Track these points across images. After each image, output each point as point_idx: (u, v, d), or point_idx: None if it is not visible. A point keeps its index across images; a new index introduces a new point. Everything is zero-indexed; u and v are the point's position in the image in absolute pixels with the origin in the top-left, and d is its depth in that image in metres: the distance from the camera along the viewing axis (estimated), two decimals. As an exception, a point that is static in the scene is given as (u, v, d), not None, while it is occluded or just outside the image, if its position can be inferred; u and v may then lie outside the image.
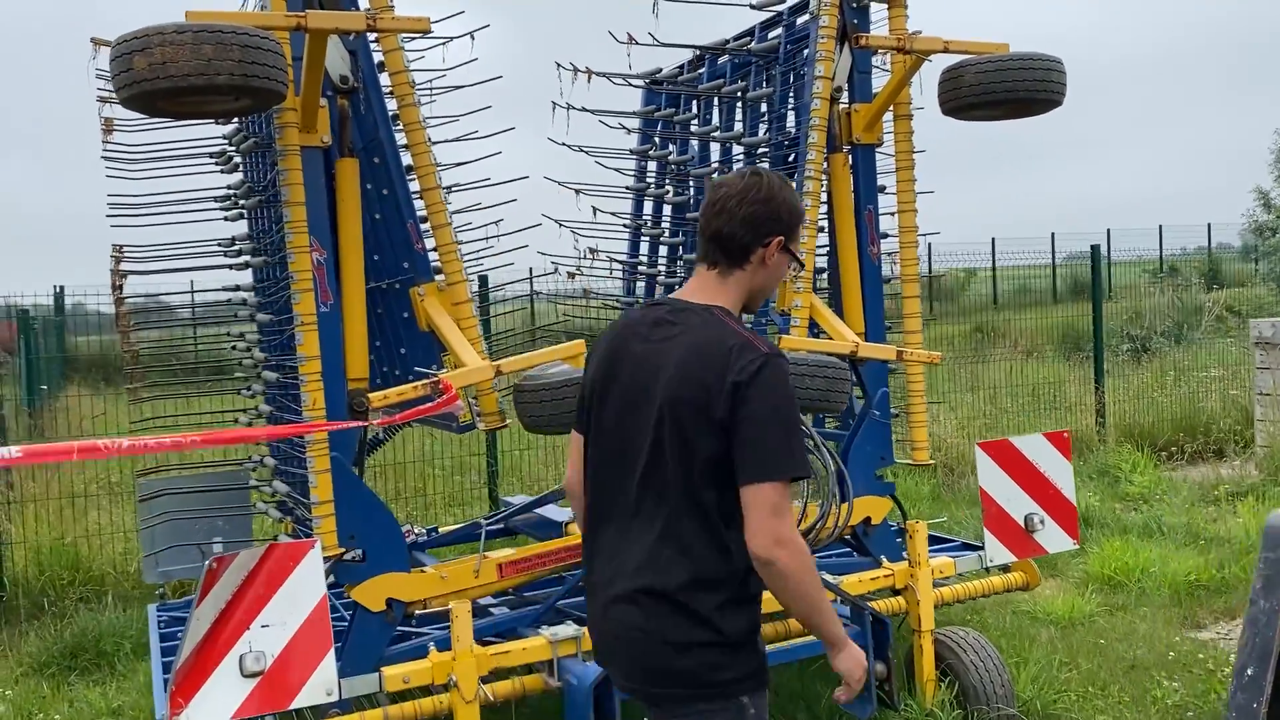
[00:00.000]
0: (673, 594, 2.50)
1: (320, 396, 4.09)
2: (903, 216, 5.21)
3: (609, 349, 2.71)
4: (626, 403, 2.61)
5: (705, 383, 2.45)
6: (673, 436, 2.50)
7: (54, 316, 13.41)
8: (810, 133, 4.92)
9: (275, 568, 3.65)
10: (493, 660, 4.06)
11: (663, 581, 2.50)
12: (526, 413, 4.18)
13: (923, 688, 4.68)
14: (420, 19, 3.98)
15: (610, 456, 2.65)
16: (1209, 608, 6.30)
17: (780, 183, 2.65)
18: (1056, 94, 4.77)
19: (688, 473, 2.49)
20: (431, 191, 4.31)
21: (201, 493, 5.26)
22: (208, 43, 3.40)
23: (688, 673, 2.50)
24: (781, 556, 2.40)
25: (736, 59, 5.77)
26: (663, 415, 2.51)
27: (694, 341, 2.52)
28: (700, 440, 2.47)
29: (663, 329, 2.60)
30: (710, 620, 2.49)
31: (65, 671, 6.21)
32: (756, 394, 2.42)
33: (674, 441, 2.50)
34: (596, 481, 2.71)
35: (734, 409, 2.42)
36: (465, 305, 4.34)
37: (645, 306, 2.76)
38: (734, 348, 2.47)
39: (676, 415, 2.49)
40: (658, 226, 6.36)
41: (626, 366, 2.63)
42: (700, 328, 2.55)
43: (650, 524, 2.54)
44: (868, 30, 5.14)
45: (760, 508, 2.40)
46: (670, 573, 2.50)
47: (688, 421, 2.48)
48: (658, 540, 2.53)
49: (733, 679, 2.52)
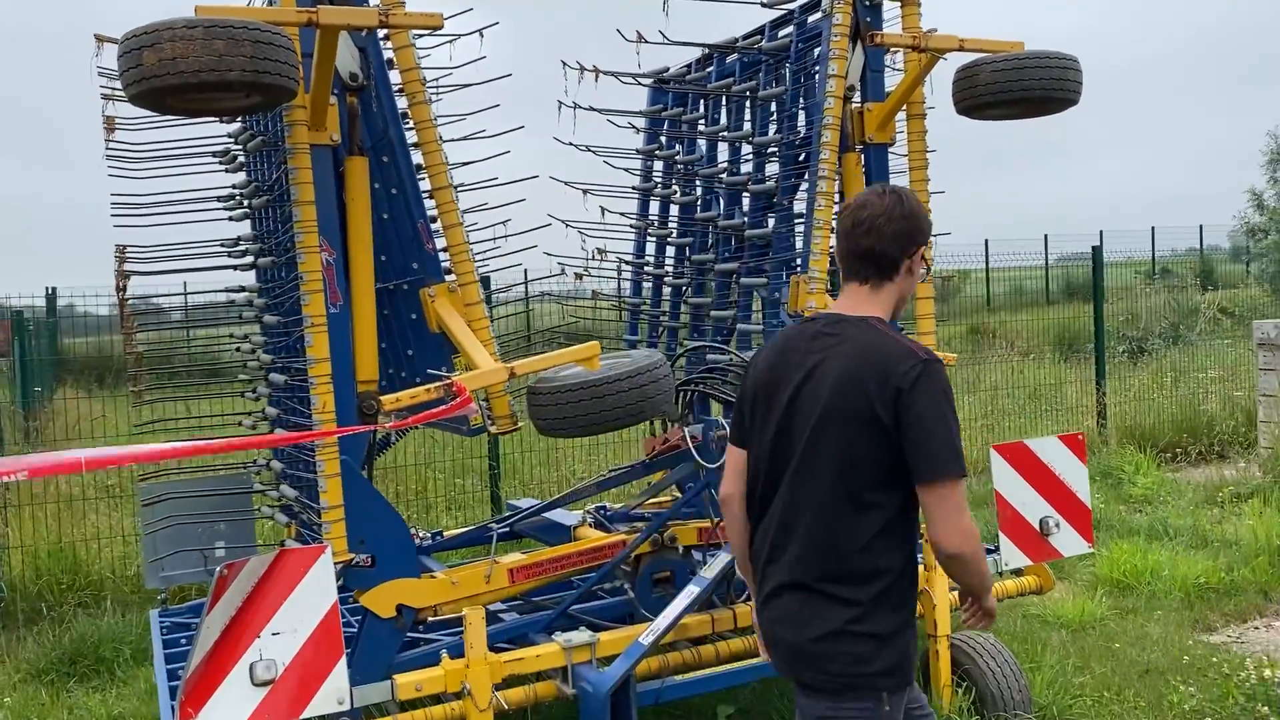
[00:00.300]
0: (826, 588, 2.66)
1: (330, 399, 4.01)
2: (916, 217, 5.15)
3: (770, 363, 2.85)
4: (789, 411, 2.74)
5: (866, 388, 2.60)
6: (835, 440, 2.64)
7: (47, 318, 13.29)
8: (824, 132, 4.86)
9: (286, 574, 3.58)
10: (506, 667, 4.00)
11: (817, 575, 2.67)
12: (541, 416, 4.12)
13: (939, 693, 4.63)
14: (433, 15, 3.91)
15: (774, 462, 2.79)
16: (1219, 611, 6.26)
17: (913, 196, 2.82)
18: (1073, 93, 4.72)
19: (848, 474, 2.63)
20: (443, 191, 4.24)
21: (203, 497, 5.18)
22: (219, 38, 3.33)
23: (835, 664, 2.65)
24: (966, 549, 2.60)
25: (746, 58, 5.71)
26: (824, 420, 2.65)
27: (854, 350, 2.66)
28: (861, 443, 2.61)
29: (821, 341, 2.74)
30: (861, 614, 2.63)
31: (64, 678, 6.12)
32: (920, 398, 2.56)
33: (836, 444, 2.64)
34: (761, 485, 2.84)
35: (899, 414, 2.57)
36: (477, 306, 4.28)
37: (802, 323, 2.93)
38: (893, 355, 2.62)
39: (838, 419, 2.63)
40: (665, 226, 6.29)
41: (789, 378, 2.76)
42: (859, 337, 2.69)
43: (809, 522, 2.69)
44: (881, 28, 5.08)
45: (943, 505, 2.57)
46: (825, 568, 2.66)
47: (849, 425, 2.62)
48: (815, 537, 2.68)
49: (877, 672, 2.64)
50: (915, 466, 2.58)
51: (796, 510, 2.72)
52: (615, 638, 4.15)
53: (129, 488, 7.98)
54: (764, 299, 5.43)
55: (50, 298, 14.55)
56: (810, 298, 4.85)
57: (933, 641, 4.70)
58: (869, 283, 2.79)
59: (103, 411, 8.49)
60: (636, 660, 3.83)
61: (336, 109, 4.13)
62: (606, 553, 4.56)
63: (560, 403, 4.04)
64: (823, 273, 4.92)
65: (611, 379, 4.00)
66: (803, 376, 2.73)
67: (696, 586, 4.02)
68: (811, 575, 2.68)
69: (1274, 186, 25.66)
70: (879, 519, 2.65)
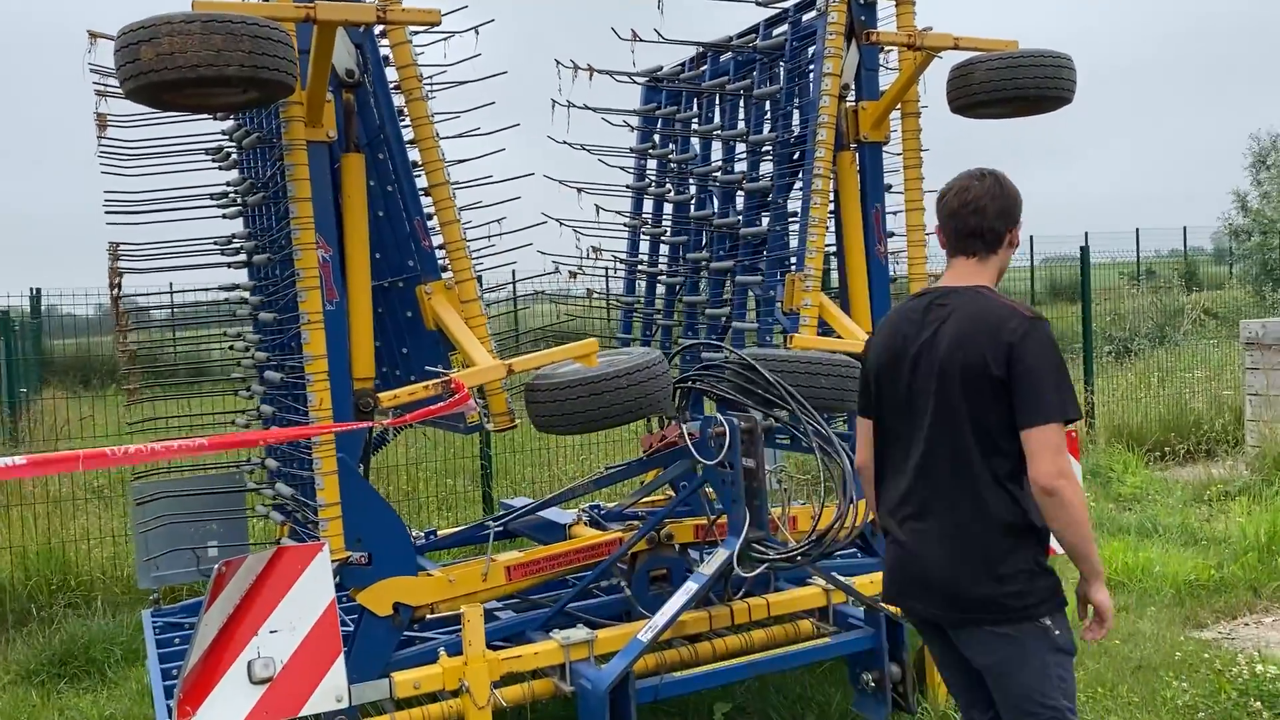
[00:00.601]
0: (958, 529, 2.92)
1: (327, 396, 4.00)
2: (910, 215, 5.18)
3: (889, 337, 3.14)
4: (915, 375, 3.02)
5: (981, 346, 2.87)
6: (955, 396, 2.91)
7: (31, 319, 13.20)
8: (819, 130, 4.88)
9: (283, 571, 3.56)
10: (504, 665, 3.99)
11: (955, 521, 2.92)
12: (539, 412, 4.11)
13: (934, 689, 4.64)
14: (430, 11, 3.91)
15: (900, 424, 3.08)
16: (1210, 607, 6.29)
17: (1008, 177, 3.11)
18: (1067, 92, 4.75)
19: (968, 426, 2.90)
20: (440, 188, 4.24)
21: (196, 496, 5.16)
22: (218, 33, 3.31)
23: (990, 600, 2.88)
24: (1064, 487, 2.78)
25: (740, 56, 5.72)
26: (944, 379, 2.93)
27: (966, 314, 2.95)
28: (979, 397, 2.88)
29: (936, 311, 3.03)
30: (1004, 552, 2.89)
31: (54, 679, 6.08)
32: (1028, 351, 2.82)
33: (957, 400, 2.91)
34: (889, 446, 3.13)
35: (1010, 365, 2.83)
36: (474, 303, 4.27)
37: (911, 298, 3.20)
38: (1003, 315, 2.90)
39: (957, 377, 2.90)
40: (659, 225, 6.30)
41: (910, 347, 3.05)
42: (970, 304, 2.98)
43: (940, 475, 2.96)
44: (875, 26, 5.10)
45: (1044, 446, 2.79)
46: (960, 511, 2.92)
47: (968, 382, 2.89)
48: (949, 488, 2.94)
49: (1033, 603, 2.89)
50: (1019, 411, 2.83)
51: (934, 463, 2.97)
52: (613, 635, 4.14)
53: (118, 489, 7.94)
54: (758, 297, 5.45)
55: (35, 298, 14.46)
56: (806, 295, 4.87)
57: (928, 638, 4.70)
58: (975, 256, 3.08)
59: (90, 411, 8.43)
60: (635, 657, 3.83)
61: (333, 105, 4.12)
62: (603, 550, 4.56)
63: (559, 399, 4.03)
64: (818, 270, 4.93)
65: (610, 376, 4.00)
66: (923, 343, 3.00)
67: (695, 583, 4.02)
68: (945, 517, 2.95)
69: (1258, 188, 25.82)
70: (1007, 464, 2.89)
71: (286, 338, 4.40)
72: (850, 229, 5.15)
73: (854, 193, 5.14)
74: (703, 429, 4.13)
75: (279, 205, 4.31)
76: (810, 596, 4.56)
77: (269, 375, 4.47)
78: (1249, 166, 26.66)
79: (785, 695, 4.93)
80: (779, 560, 4.03)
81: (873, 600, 4.41)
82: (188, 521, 5.15)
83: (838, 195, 5.16)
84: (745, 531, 3.98)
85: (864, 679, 4.30)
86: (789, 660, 4.33)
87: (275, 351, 4.62)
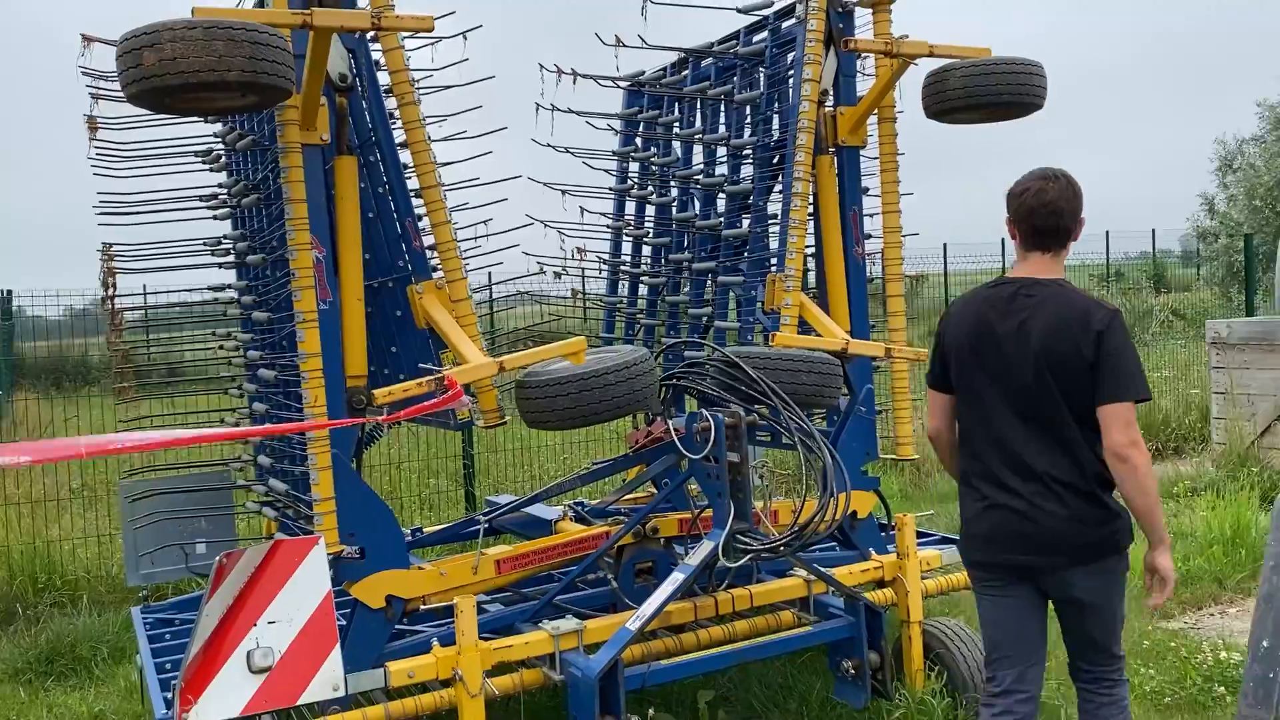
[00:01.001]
0: (1066, 486, 3.35)
1: (322, 394, 4.09)
2: (887, 218, 5.32)
3: (974, 320, 3.52)
4: (1003, 355, 3.42)
5: (1073, 333, 3.31)
6: (1051, 375, 3.33)
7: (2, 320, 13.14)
8: (799, 134, 5.01)
9: (280, 564, 3.65)
10: (496, 655, 4.09)
11: (1063, 480, 3.36)
12: (530, 409, 4.22)
13: (912, 677, 4.78)
14: (423, 18, 4.01)
15: (991, 398, 3.47)
16: (1177, 598, 6.47)
17: (1073, 176, 3.49)
18: (1038, 97, 4.91)
19: (1062, 401, 3.33)
20: (431, 190, 4.33)
21: (185, 493, 5.22)
22: (219, 39, 3.40)
23: (1101, 541, 3.39)
24: (1135, 455, 3.25)
25: (721, 62, 5.85)
26: (1041, 360, 3.34)
27: (1058, 304, 3.38)
28: (1072, 376, 3.32)
29: (1020, 300, 3.44)
30: (1102, 502, 3.38)
31: (41, 677, 6.13)
32: (1112, 338, 3.29)
33: (1052, 379, 3.33)
34: (977, 419, 3.53)
35: (1098, 349, 3.28)
36: (465, 303, 4.37)
37: (991, 286, 3.59)
38: (1089, 307, 3.35)
39: (1052, 359, 3.33)
40: (641, 227, 6.42)
41: (1000, 330, 3.44)
42: (1057, 295, 3.40)
43: (1037, 442, 3.39)
44: (853, 34, 5.24)
45: (1119, 419, 3.27)
46: (1062, 471, 3.36)
47: (1063, 363, 3.32)
48: (1047, 452, 3.37)
49: (1122, 538, 3.43)
50: (1100, 389, 3.29)
51: (1030, 433, 3.40)
52: (601, 625, 4.25)
53: (101, 488, 7.98)
54: (739, 297, 5.57)
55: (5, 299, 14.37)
56: (787, 295, 5.00)
57: (905, 627, 4.84)
58: (1050, 252, 3.49)
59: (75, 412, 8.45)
60: (624, 645, 3.94)
61: (326, 109, 4.22)
62: (590, 544, 4.66)
63: (550, 395, 4.14)
64: (798, 271, 5.06)
65: (600, 373, 4.11)
66: (1015, 327, 3.41)
67: (681, 574, 4.13)
68: (1056, 486, 3.36)
69: (1224, 191, 26.27)
70: (1088, 431, 3.34)
71: (279, 336, 4.48)
72: (829, 231, 5.28)
73: (833, 196, 5.27)
74: (688, 424, 4.24)
75: (272, 207, 4.39)
76: (792, 587, 4.69)
77: (262, 373, 4.55)
78: (1215, 170, 27.14)
79: (766, 684, 5.06)
80: (762, 551, 4.16)
81: (853, 590, 4.54)
82: (176, 519, 5.22)
83: (817, 198, 5.30)
84: (730, 523, 4.10)
85: (844, 666, 4.43)
86: (772, 648, 4.46)
87: (268, 350, 4.70)
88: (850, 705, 4.52)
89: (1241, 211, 23.84)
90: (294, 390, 4.42)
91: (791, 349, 4.71)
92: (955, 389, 3.62)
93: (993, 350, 3.45)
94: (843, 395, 5.09)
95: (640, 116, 6.36)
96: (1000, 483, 3.46)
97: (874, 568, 4.94)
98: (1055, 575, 3.45)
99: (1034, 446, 3.40)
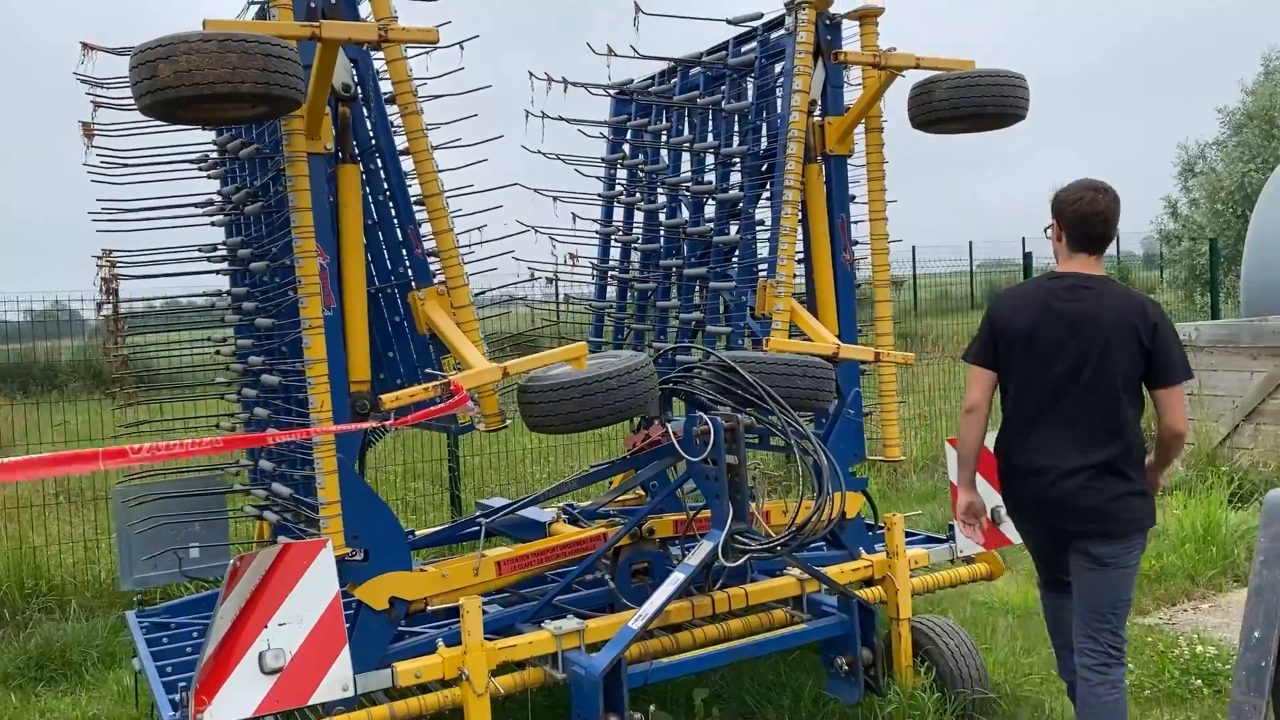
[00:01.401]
0: (1113, 463, 3.82)
1: (328, 399, 4.16)
2: (874, 225, 5.45)
3: (1039, 305, 3.95)
4: (1063, 340, 3.87)
5: (1132, 323, 3.81)
6: (1110, 360, 3.80)
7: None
8: (789, 144, 5.13)
9: (290, 566, 3.72)
10: (500, 654, 4.16)
11: (1106, 456, 3.82)
12: (533, 413, 4.30)
13: (901, 673, 4.90)
14: (429, 30, 4.09)
15: (1048, 377, 3.89)
16: (1151, 595, 6.65)
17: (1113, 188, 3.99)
18: (1021, 109, 5.05)
19: (1117, 384, 3.81)
20: (434, 198, 4.40)
21: (179, 498, 5.27)
22: (233, 51, 3.47)
23: (1139, 517, 3.85)
24: (1186, 430, 3.87)
25: (710, 71, 5.96)
26: (1102, 346, 3.81)
27: (1116, 299, 3.87)
28: (1128, 361, 3.81)
29: (1079, 292, 3.91)
30: (1140, 482, 3.87)
31: (31, 682, 6.13)
32: (1165, 329, 3.82)
33: (1111, 363, 3.80)
34: (1031, 397, 3.95)
35: (1154, 338, 3.79)
36: (467, 309, 4.44)
37: (1048, 280, 4.03)
38: (1143, 301, 3.88)
39: (1113, 345, 3.80)
40: (629, 232, 6.51)
41: (1061, 319, 3.89)
42: (1112, 290, 3.91)
43: (1090, 419, 3.84)
44: (840, 46, 5.36)
45: (1178, 400, 3.86)
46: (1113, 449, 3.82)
47: (1123, 348, 3.80)
48: (1099, 430, 3.83)
49: (1144, 517, 3.87)
50: (1159, 373, 3.82)
51: (1086, 412, 3.84)
52: (603, 625, 4.34)
53: (87, 492, 7.96)
54: (728, 302, 5.68)
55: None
56: (777, 300, 5.11)
57: (895, 624, 4.96)
58: (1095, 254, 3.98)
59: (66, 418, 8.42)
60: (628, 644, 4.03)
61: (330, 118, 4.28)
62: (588, 545, 4.75)
63: (554, 400, 4.22)
64: (789, 277, 5.18)
65: (603, 377, 4.20)
66: (1076, 317, 3.87)
67: (681, 574, 4.23)
68: (1101, 457, 3.82)
69: (1186, 195, 26.68)
70: (1137, 414, 3.86)
71: (281, 342, 4.53)
72: (818, 238, 5.40)
73: (821, 203, 5.39)
74: (687, 428, 4.34)
75: (275, 215, 4.45)
76: (786, 586, 4.80)
77: (265, 379, 4.60)
78: (1178, 175, 27.57)
79: (758, 681, 5.16)
80: (761, 551, 4.26)
81: (846, 588, 4.66)
82: (170, 523, 5.26)
83: (805, 206, 5.41)
84: (729, 524, 4.20)
85: (837, 663, 4.54)
86: (769, 645, 4.56)
87: (269, 356, 4.75)
88: (843, 701, 4.63)
89: (1204, 215, 24.25)
90: (296, 395, 4.48)
91: (785, 353, 4.83)
92: (1007, 366, 4.01)
93: (1054, 334, 3.89)
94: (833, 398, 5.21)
95: (629, 124, 6.45)
96: (1054, 457, 3.88)
97: (864, 567, 5.06)
98: (1085, 541, 3.88)
99: (1092, 423, 3.84)
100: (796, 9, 5.19)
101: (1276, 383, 9.03)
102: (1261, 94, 24.14)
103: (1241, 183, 22.63)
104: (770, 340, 4.95)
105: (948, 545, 5.42)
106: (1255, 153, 22.71)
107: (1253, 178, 22.28)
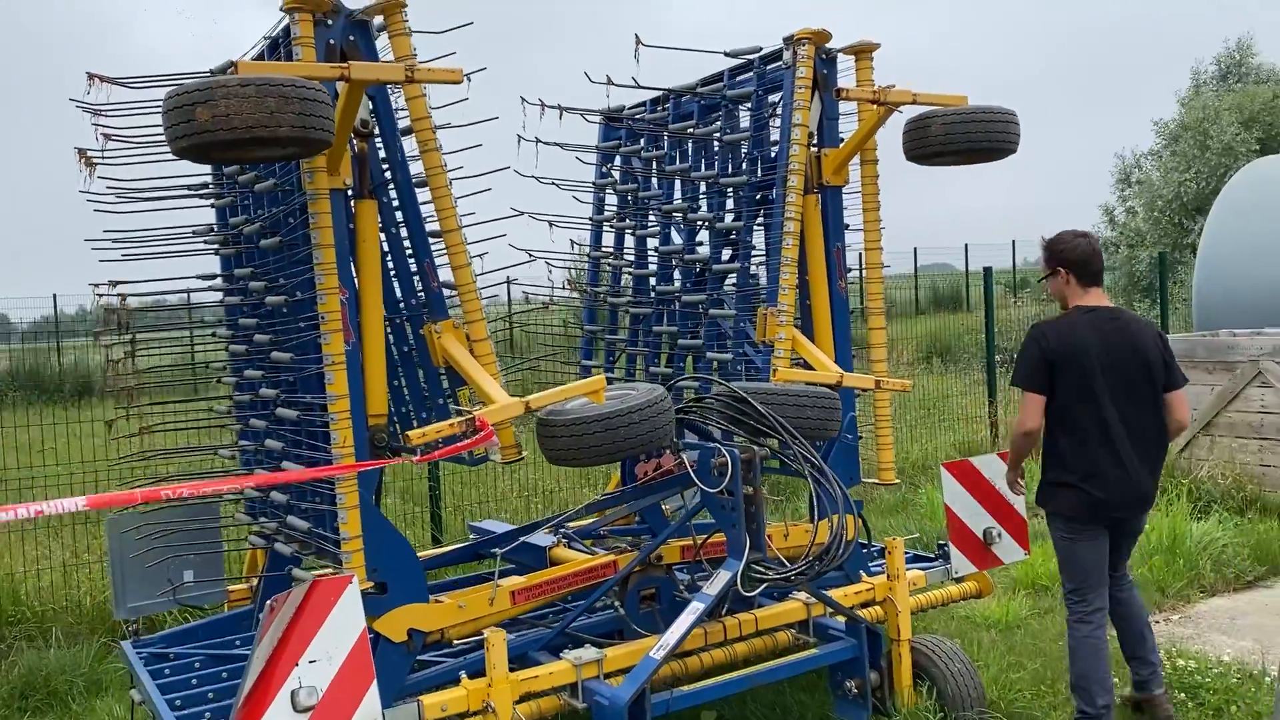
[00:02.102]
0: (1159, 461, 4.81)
1: (349, 435, 4.19)
2: (869, 254, 5.60)
3: (1095, 336, 4.66)
4: (1119, 363, 4.64)
5: (1158, 344, 4.73)
6: (1151, 377, 4.68)
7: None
8: (790, 176, 5.25)
9: (318, 604, 3.73)
10: (523, 685, 4.22)
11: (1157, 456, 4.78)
12: (554, 446, 4.36)
13: (901, 693, 5.04)
14: (453, 71, 4.14)
15: (1112, 395, 4.63)
16: (1124, 607, 6.86)
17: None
18: (1013, 144, 5.23)
19: (1159, 391, 4.71)
20: (453, 234, 4.45)
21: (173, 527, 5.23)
22: (271, 95, 3.50)
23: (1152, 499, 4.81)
24: (1188, 425, 4.87)
25: (704, 101, 6.06)
26: (1148, 366, 4.66)
27: (1140, 325, 4.77)
28: (1158, 374, 4.69)
29: (1115, 322, 4.72)
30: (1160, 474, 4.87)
31: (17, 713, 6.04)
32: (1167, 344, 4.78)
33: (1155, 375, 4.68)
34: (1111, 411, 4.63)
35: (1164, 352, 4.73)
36: (484, 342, 4.50)
37: (1085, 312, 4.74)
38: (1151, 323, 4.89)
39: (1150, 361, 4.67)
40: (620, 257, 6.58)
41: (1108, 345, 4.65)
42: (1133, 317, 4.83)
43: (1155, 423, 4.72)
44: (835, 81, 5.50)
45: (1183, 401, 4.78)
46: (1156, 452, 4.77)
47: (1154, 365, 4.68)
48: (1155, 435, 4.74)
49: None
50: (1168, 380, 4.72)
51: (1141, 421, 4.67)
52: (620, 653, 4.42)
53: (66, 518, 7.84)
54: (726, 330, 5.79)
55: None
56: (780, 329, 5.23)
57: (895, 645, 5.10)
58: (1100, 287, 4.81)
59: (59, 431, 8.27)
60: (651, 673, 4.11)
61: (349, 154, 4.31)
62: (599, 573, 4.83)
63: (578, 434, 4.27)
64: (790, 305, 5.30)
65: (626, 411, 4.27)
66: (1118, 342, 4.65)
67: (701, 602, 4.32)
68: (1153, 457, 4.74)
69: (1124, 204, 27.41)
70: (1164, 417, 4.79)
71: (302, 376, 4.53)
72: (815, 266, 5.53)
73: (818, 233, 5.52)
74: (703, 459, 4.44)
75: (294, 250, 4.45)
76: (793, 611, 4.92)
77: (283, 412, 4.60)
78: (1115, 184, 28.32)
79: (763, 703, 5.27)
80: (779, 580, 4.37)
81: (854, 613, 4.79)
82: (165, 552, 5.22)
83: (802, 235, 5.54)
84: (746, 554, 4.31)
85: (846, 685, 4.67)
86: (783, 671, 4.67)
87: (283, 389, 4.75)
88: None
89: (1144, 222, 24.92)
90: (315, 430, 4.49)
91: (795, 384, 4.94)
92: (1066, 391, 4.64)
93: (1115, 358, 4.63)
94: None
95: (621, 150, 6.52)
96: (1118, 458, 4.63)
97: (866, 589, 5.19)
98: (1137, 520, 4.87)
99: (1144, 429, 4.66)
100: (796, 44, 5.32)
101: (1230, 396, 9.37)
102: (1195, 106, 24.89)
103: (1178, 192, 23.31)
104: (779, 371, 5.06)
105: (942, 566, 5.57)
106: (1190, 163, 23.39)
107: (1189, 187, 22.98)
